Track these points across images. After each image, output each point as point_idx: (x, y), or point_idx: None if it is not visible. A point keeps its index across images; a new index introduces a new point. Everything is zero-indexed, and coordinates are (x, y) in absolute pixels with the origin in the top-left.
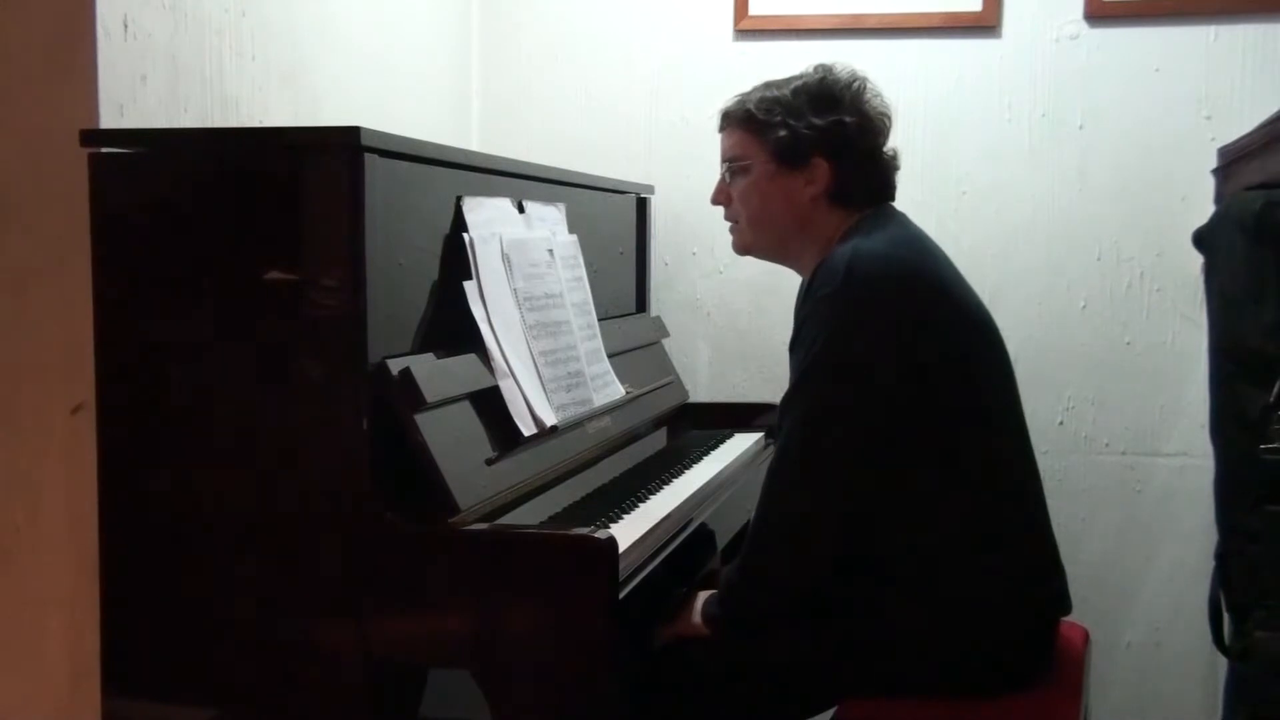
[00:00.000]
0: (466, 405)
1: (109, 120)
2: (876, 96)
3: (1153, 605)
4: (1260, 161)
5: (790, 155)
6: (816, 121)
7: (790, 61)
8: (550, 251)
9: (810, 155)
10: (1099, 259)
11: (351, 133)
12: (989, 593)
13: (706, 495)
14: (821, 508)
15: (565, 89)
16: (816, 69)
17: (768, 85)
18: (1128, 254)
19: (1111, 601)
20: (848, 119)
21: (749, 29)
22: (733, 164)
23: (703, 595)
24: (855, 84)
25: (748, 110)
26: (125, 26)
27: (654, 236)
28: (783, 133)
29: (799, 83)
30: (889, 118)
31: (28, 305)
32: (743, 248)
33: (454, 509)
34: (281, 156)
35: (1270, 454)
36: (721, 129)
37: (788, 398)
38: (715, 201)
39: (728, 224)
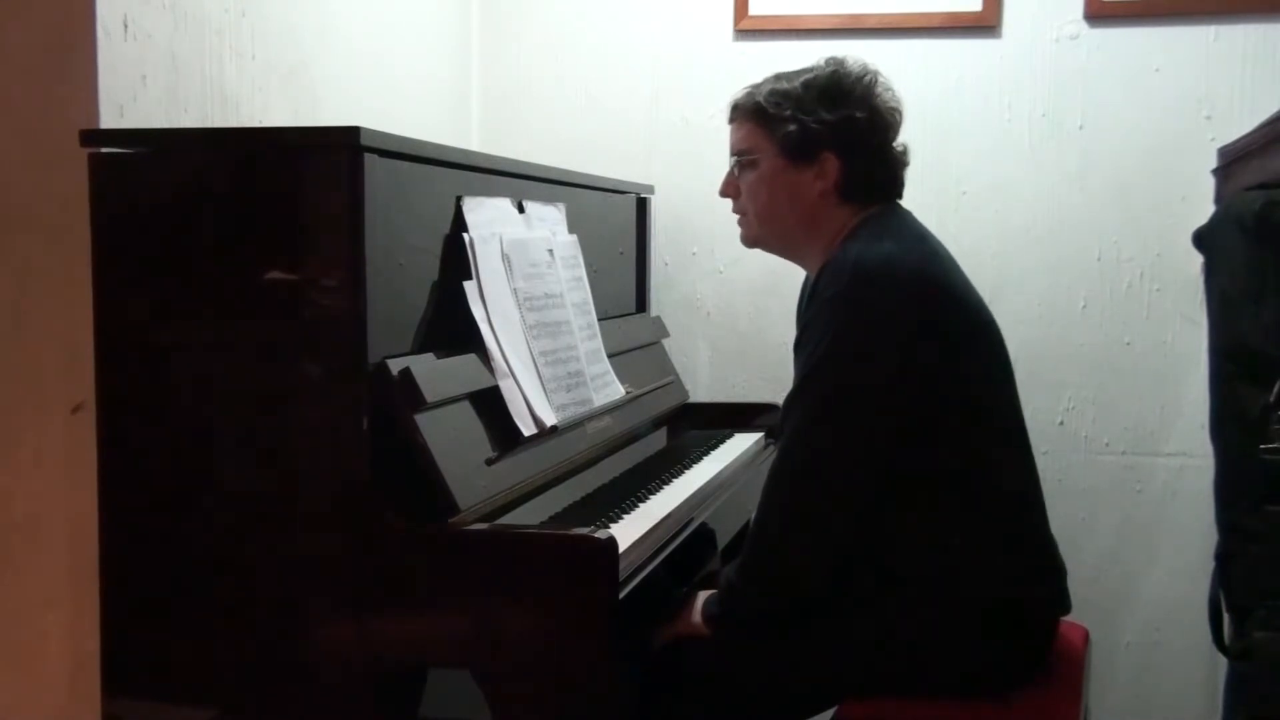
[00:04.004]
0: (466, 405)
1: (109, 120)
2: (888, 90)
3: (1153, 605)
4: (1260, 161)
5: (799, 150)
6: (827, 116)
7: (790, 62)
8: (550, 251)
9: (819, 151)
10: (1099, 259)
11: (351, 133)
12: (989, 592)
13: (706, 495)
14: (823, 508)
15: (565, 89)
16: (828, 62)
17: (778, 77)
18: (1128, 254)
19: (1111, 601)
20: (858, 114)
21: (749, 29)
22: (741, 157)
23: (703, 595)
24: (866, 78)
25: (757, 103)
26: (125, 26)
27: (654, 236)
28: (792, 127)
29: (810, 76)
30: (900, 113)
31: (28, 305)
32: (750, 240)
33: (454, 509)
34: (281, 156)
35: (1270, 454)
36: (731, 120)
37: (791, 398)
38: (723, 194)
39: (735, 216)
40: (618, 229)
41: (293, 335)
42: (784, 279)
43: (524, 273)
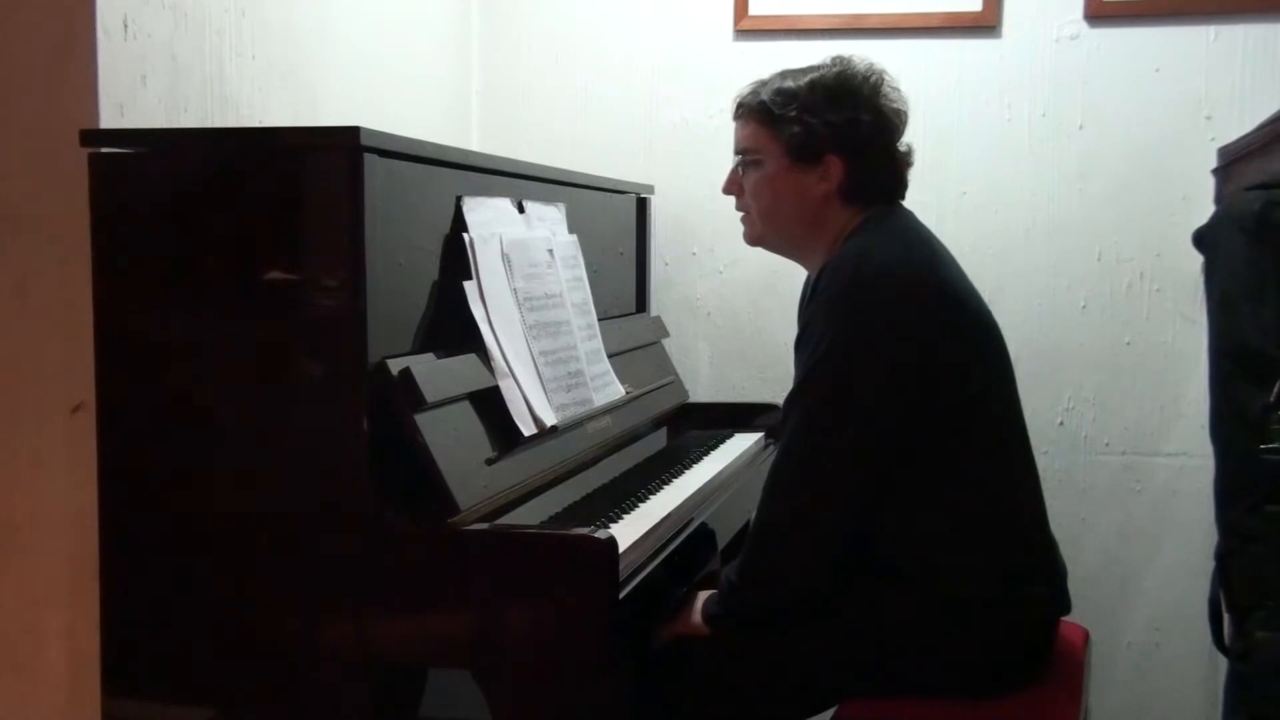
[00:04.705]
0: (466, 405)
1: (109, 120)
2: (894, 91)
3: (1153, 605)
4: (1260, 161)
5: (804, 152)
6: (832, 119)
7: (790, 63)
8: (550, 251)
9: (824, 153)
10: (1099, 259)
11: (351, 133)
12: (989, 593)
13: (706, 495)
14: (823, 507)
15: (565, 89)
16: (834, 60)
17: (784, 75)
18: (1128, 254)
19: (1111, 601)
20: (864, 117)
21: (749, 29)
22: (745, 156)
23: (703, 595)
24: (872, 78)
25: (763, 102)
26: (125, 26)
27: (654, 236)
28: (797, 129)
29: (816, 75)
30: (905, 114)
31: (28, 305)
32: (754, 239)
33: (454, 509)
34: (281, 156)
35: (1270, 454)
36: (736, 118)
37: (791, 397)
38: (727, 191)
39: (735, 216)
40: (618, 229)
41: (293, 335)
42: (784, 279)
43: (524, 273)
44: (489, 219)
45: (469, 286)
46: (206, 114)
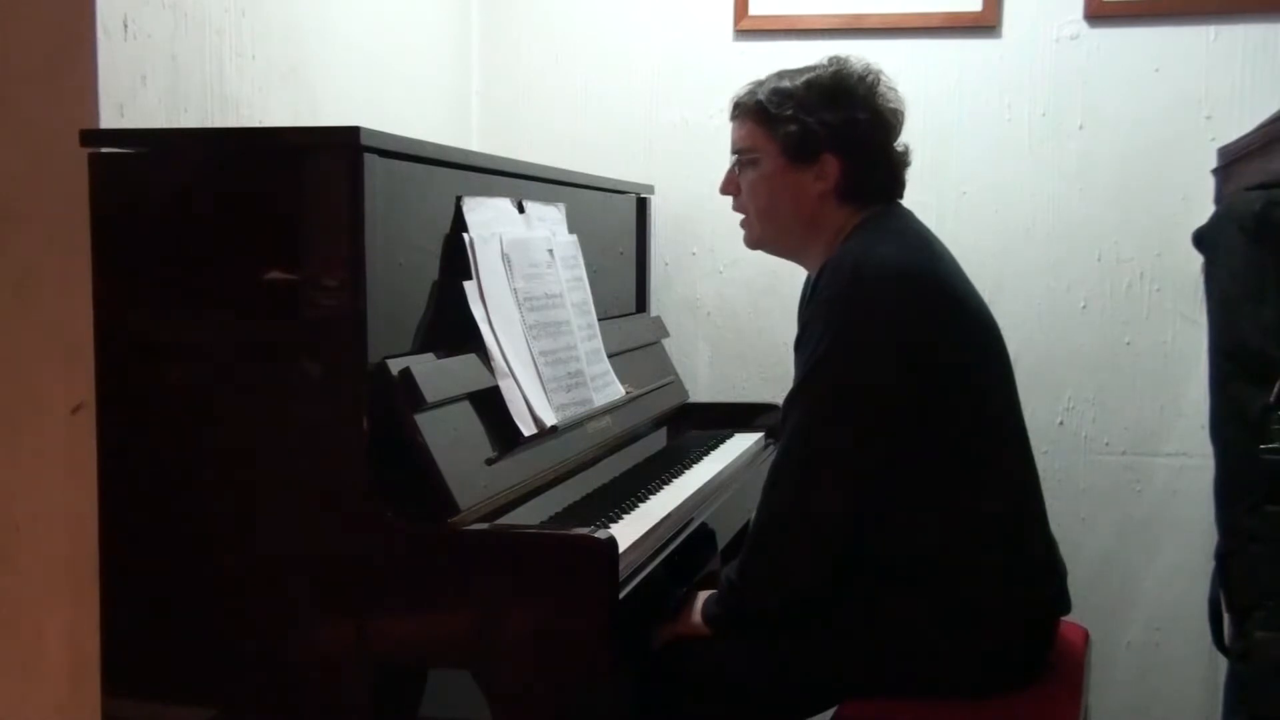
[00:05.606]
0: (466, 405)
1: (109, 120)
2: (890, 90)
3: (1153, 605)
4: (1260, 161)
5: (800, 151)
6: (828, 118)
7: (790, 62)
8: (550, 251)
9: (821, 152)
10: (1099, 259)
11: (351, 133)
12: (989, 593)
13: (706, 495)
14: (822, 507)
15: (565, 89)
16: (830, 60)
17: (781, 75)
18: (1128, 254)
19: (1111, 601)
20: (860, 116)
21: (749, 29)
22: (742, 155)
23: (703, 595)
24: (869, 78)
25: (759, 102)
26: (125, 26)
27: (654, 236)
28: (793, 128)
29: (812, 75)
30: (901, 114)
31: (28, 305)
32: (754, 242)
33: (454, 509)
34: (281, 156)
35: (1270, 454)
36: (733, 118)
37: (791, 397)
38: (724, 191)
39: (735, 216)
40: (618, 229)
41: (293, 335)
42: (784, 279)
43: (524, 273)
44: (489, 219)
45: (469, 286)
46: (206, 114)
